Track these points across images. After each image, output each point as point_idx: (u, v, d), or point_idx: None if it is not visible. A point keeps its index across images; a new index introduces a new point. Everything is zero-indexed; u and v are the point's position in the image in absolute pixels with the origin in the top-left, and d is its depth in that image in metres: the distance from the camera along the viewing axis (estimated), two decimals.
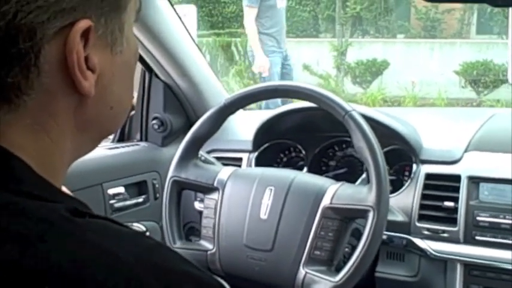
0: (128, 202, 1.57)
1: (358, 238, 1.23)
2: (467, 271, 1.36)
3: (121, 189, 1.55)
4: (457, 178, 1.38)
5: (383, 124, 1.46)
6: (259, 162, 1.62)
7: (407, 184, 1.44)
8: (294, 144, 1.66)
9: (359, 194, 1.23)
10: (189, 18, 6.53)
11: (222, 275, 1.35)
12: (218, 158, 1.57)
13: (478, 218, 1.34)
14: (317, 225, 1.25)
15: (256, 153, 1.64)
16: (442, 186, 1.40)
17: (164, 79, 1.72)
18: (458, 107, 6.77)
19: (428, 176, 1.42)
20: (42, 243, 0.43)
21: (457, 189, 1.37)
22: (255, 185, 1.33)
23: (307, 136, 1.63)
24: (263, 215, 1.30)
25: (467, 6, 9.51)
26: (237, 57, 8.68)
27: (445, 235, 1.36)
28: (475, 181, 1.37)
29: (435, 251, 1.37)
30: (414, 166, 1.45)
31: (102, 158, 1.54)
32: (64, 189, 0.60)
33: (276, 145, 1.67)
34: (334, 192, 1.26)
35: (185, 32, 1.70)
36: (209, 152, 1.62)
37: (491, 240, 1.32)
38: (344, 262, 1.23)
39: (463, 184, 1.37)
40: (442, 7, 9.67)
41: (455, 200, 1.36)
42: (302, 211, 1.27)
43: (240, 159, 1.65)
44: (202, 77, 1.77)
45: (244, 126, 1.76)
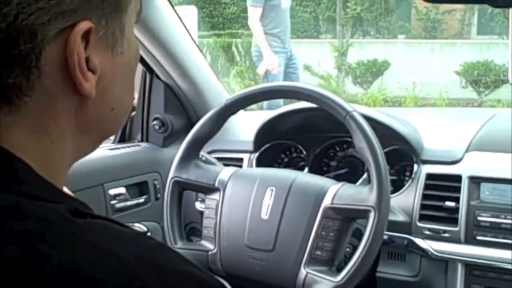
0: (129, 202, 1.58)
1: (359, 238, 1.23)
2: (468, 271, 1.36)
3: (122, 189, 1.55)
4: (458, 178, 1.38)
5: (384, 124, 1.46)
6: (260, 162, 1.62)
7: (408, 184, 1.44)
8: (295, 144, 1.66)
9: (360, 194, 1.23)
10: (190, 19, 6.53)
11: (223, 275, 1.35)
12: (219, 159, 1.57)
13: (479, 218, 1.34)
14: (318, 225, 1.25)
15: (257, 153, 1.64)
16: (443, 186, 1.40)
17: (165, 80, 1.72)
18: (459, 107, 6.76)
19: (429, 176, 1.42)
20: (42, 243, 0.44)
21: (458, 189, 1.37)
22: (256, 186, 1.33)
23: (308, 136, 1.63)
24: (264, 215, 1.30)
25: (467, 6, 9.49)
26: (238, 58, 8.68)
27: (446, 235, 1.36)
28: (476, 181, 1.37)
29: (436, 251, 1.37)
30: (415, 166, 1.45)
31: (103, 159, 1.55)
32: (65, 189, 0.60)
33: (277, 145, 1.67)
34: (335, 192, 1.26)
35: (186, 33, 1.70)
36: (210, 153, 1.62)
37: (492, 240, 1.32)
38: (345, 262, 1.23)
39: (464, 184, 1.37)
40: (443, 8, 9.66)
41: (456, 200, 1.36)
42: (303, 211, 1.27)
43: (241, 159, 1.65)
44: (203, 78, 1.77)
45: (245, 126, 1.76)
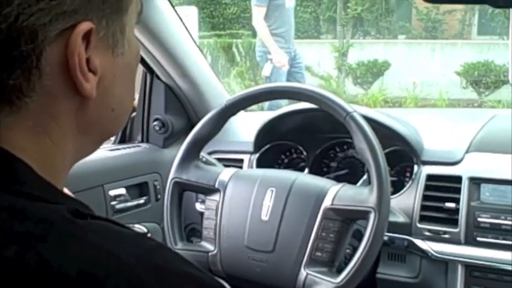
0: (129, 203, 1.58)
1: (359, 239, 1.23)
2: (468, 272, 1.36)
3: (122, 190, 1.55)
4: (458, 179, 1.38)
5: (384, 125, 1.46)
6: (260, 163, 1.62)
7: (408, 185, 1.44)
8: (295, 145, 1.66)
9: (360, 195, 1.23)
10: (190, 19, 6.53)
11: (223, 276, 1.35)
12: (219, 159, 1.57)
13: (479, 219, 1.34)
14: (318, 226, 1.25)
15: (257, 154, 1.64)
16: (443, 187, 1.40)
17: (165, 80, 1.72)
18: (459, 108, 6.77)
19: (429, 177, 1.41)
20: (43, 244, 0.44)
21: (458, 190, 1.37)
22: (256, 186, 1.33)
23: (308, 137, 1.63)
24: (264, 216, 1.30)
25: (468, 7, 9.49)
26: (238, 58, 8.68)
27: (446, 236, 1.36)
28: (476, 182, 1.37)
29: (436, 252, 1.37)
30: (415, 167, 1.45)
31: (103, 160, 1.55)
32: (65, 190, 0.60)
33: (277, 146, 1.67)
34: (335, 193, 1.26)
35: (186, 34, 1.70)
36: (210, 153, 1.62)
37: (492, 241, 1.32)
38: (345, 263, 1.23)
39: (464, 185, 1.37)
40: (443, 8, 9.66)
41: (456, 201, 1.36)
42: (303, 212, 1.27)
43: (241, 160, 1.65)
44: (203, 79, 1.77)
45: (245, 127, 1.76)
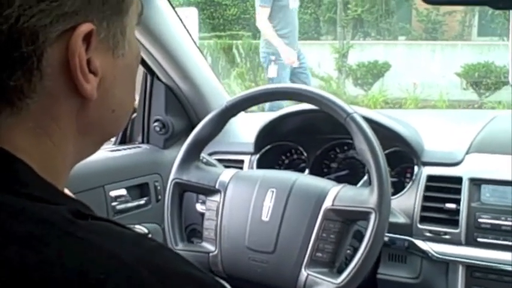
0: (130, 204, 1.58)
1: (359, 240, 1.23)
2: (469, 273, 1.36)
3: (123, 191, 1.55)
4: (459, 180, 1.38)
5: (384, 126, 1.46)
6: (260, 164, 1.62)
7: (408, 186, 1.44)
8: (296, 146, 1.66)
9: (361, 196, 1.23)
10: (191, 20, 6.52)
11: (224, 277, 1.35)
12: (220, 160, 1.58)
13: (480, 220, 1.34)
14: (319, 227, 1.25)
15: (257, 155, 1.64)
16: (444, 188, 1.40)
17: (166, 81, 1.72)
18: (459, 109, 6.77)
19: (429, 178, 1.41)
20: (44, 245, 0.44)
21: (459, 191, 1.37)
22: (257, 187, 1.33)
23: (308, 138, 1.63)
24: (265, 217, 1.30)
25: (468, 8, 9.49)
26: (239, 59, 8.68)
27: (447, 237, 1.36)
28: (477, 183, 1.37)
29: (437, 253, 1.37)
30: (416, 168, 1.45)
31: (104, 161, 1.55)
32: (66, 191, 0.60)
33: (278, 147, 1.67)
34: (335, 194, 1.26)
35: (186, 35, 1.70)
36: (211, 154, 1.63)
37: (492, 242, 1.32)
38: (346, 264, 1.23)
39: (465, 186, 1.37)
40: (443, 9, 9.66)
41: (457, 202, 1.36)
42: (304, 213, 1.27)
43: (242, 161, 1.65)
44: (203, 80, 1.77)
45: (245, 128, 1.76)
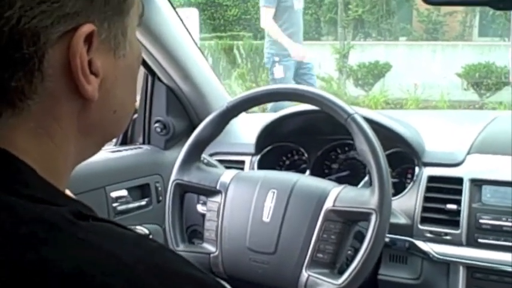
0: (131, 205, 1.58)
1: (360, 241, 1.23)
2: (469, 274, 1.36)
3: (124, 192, 1.55)
4: (460, 181, 1.38)
5: (385, 127, 1.46)
6: (261, 165, 1.62)
7: (409, 187, 1.44)
8: (297, 147, 1.66)
9: (361, 197, 1.23)
10: (191, 21, 6.51)
11: (225, 278, 1.35)
12: (221, 161, 1.58)
13: (481, 221, 1.34)
14: (320, 228, 1.25)
15: (258, 156, 1.64)
16: (445, 188, 1.39)
17: (167, 82, 1.72)
18: (460, 110, 6.77)
19: (430, 179, 1.41)
20: (45, 246, 0.44)
21: (460, 191, 1.37)
22: (258, 188, 1.33)
23: (309, 139, 1.63)
24: (266, 218, 1.30)
25: (469, 8, 9.49)
26: (239, 60, 8.68)
27: (448, 238, 1.36)
28: (478, 184, 1.37)
29: (438, 254, 1.37)
30: (417, 169, 1.45)
31: (105, 161, 1.55)
32: (67, 192, 0.60)
33: (279, 148, 1.67)
34: (336, 194, 1.26)
35: (187, 35, 1.70)
36: (212, 155, 1.63)
37: (493, 242, 1.32)
38: (347, 265, 1.23)
39: (466, 187, 1.37)
40: (444, 9, 9.66)
41: (457, 203, 1.36)
42: (305, 214, 1.27)
43: (243, 162, 1.65)
44: (204, 80, 1.77)
45: (246, 129, 1.76)
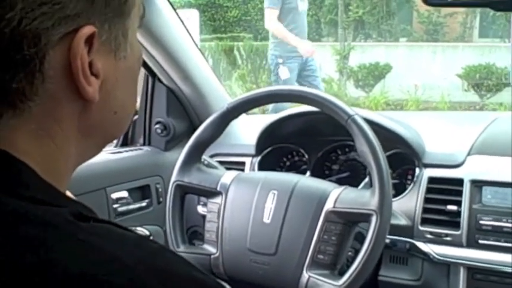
0: (131, 206, 1.58)
1: (361, 242, 1.23)
2: (470, 275, 1.36)
3: (124, 193, 1.55)
4: (460, 182, 1.38)
5: (386, 128, 1.46)
6: (262, 166, 1.62)
7: (410, 188, 1.44)
8: (297, 148, 1.66)
9: (362, 198, 1.23)
10: (192, 22, 6.53)
11: (226, 279, 1.35)
12: (221, 162, 1.58)
13: (481, 222, 1.33)
14: (320, 229, 1.25)
15: (259, 157, 1.64)
16: (445, 190, 1.39)
17: (167, 83, 1.73)
18: (461, 111, 6.78)
19: (431, 180, 1.41)
20: (45, 246, 0.44)
21: (460, 193, 1.37)
22: (258, 189, 1.33)
23: (309, 140, 1.63)
24: (266, 219, 1.30)
25: (469, 10, 9.50)
26: (240, 61, 8.69)
27: (448, 239, 1.36)
28: (478, 185, 1.37)
29: (438, 255, 1.37)
30: (417, 170, 1.45)
31: (105, 163, 1.55)
32: (68, 193, 0.60)
33: (279, 149, 1.67)
34: (337, 196, 1.26)
35: (188, 37, 1.70)
36: (212, 156, 1.63)
37: (494, 243, 1.32)
38: (347, 266, 1.23)
39: (466, 188, 1.37)
40: (445, 11, 9.67)
41: (458, 204, 1.36)
42: (305, 215, 1.27)
43: (243, 163, 1.65)
44: (205, 81, 1.77)
45: (247, 130, 1.76)
